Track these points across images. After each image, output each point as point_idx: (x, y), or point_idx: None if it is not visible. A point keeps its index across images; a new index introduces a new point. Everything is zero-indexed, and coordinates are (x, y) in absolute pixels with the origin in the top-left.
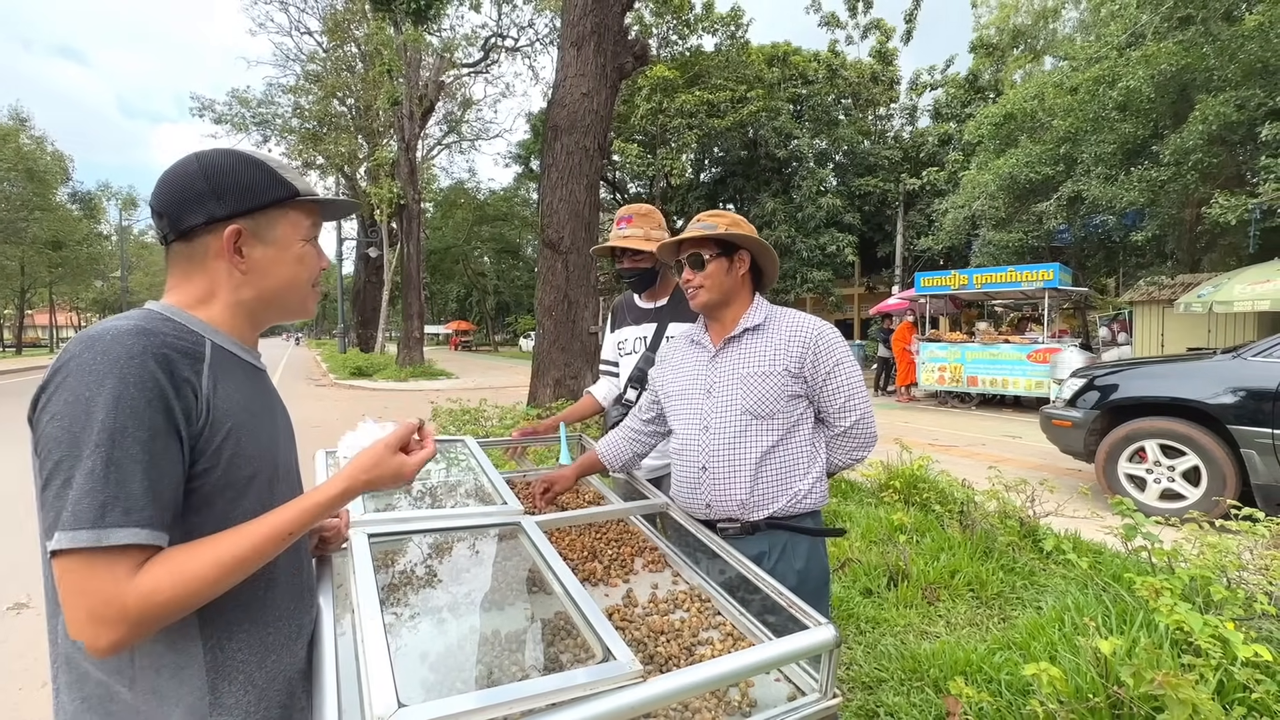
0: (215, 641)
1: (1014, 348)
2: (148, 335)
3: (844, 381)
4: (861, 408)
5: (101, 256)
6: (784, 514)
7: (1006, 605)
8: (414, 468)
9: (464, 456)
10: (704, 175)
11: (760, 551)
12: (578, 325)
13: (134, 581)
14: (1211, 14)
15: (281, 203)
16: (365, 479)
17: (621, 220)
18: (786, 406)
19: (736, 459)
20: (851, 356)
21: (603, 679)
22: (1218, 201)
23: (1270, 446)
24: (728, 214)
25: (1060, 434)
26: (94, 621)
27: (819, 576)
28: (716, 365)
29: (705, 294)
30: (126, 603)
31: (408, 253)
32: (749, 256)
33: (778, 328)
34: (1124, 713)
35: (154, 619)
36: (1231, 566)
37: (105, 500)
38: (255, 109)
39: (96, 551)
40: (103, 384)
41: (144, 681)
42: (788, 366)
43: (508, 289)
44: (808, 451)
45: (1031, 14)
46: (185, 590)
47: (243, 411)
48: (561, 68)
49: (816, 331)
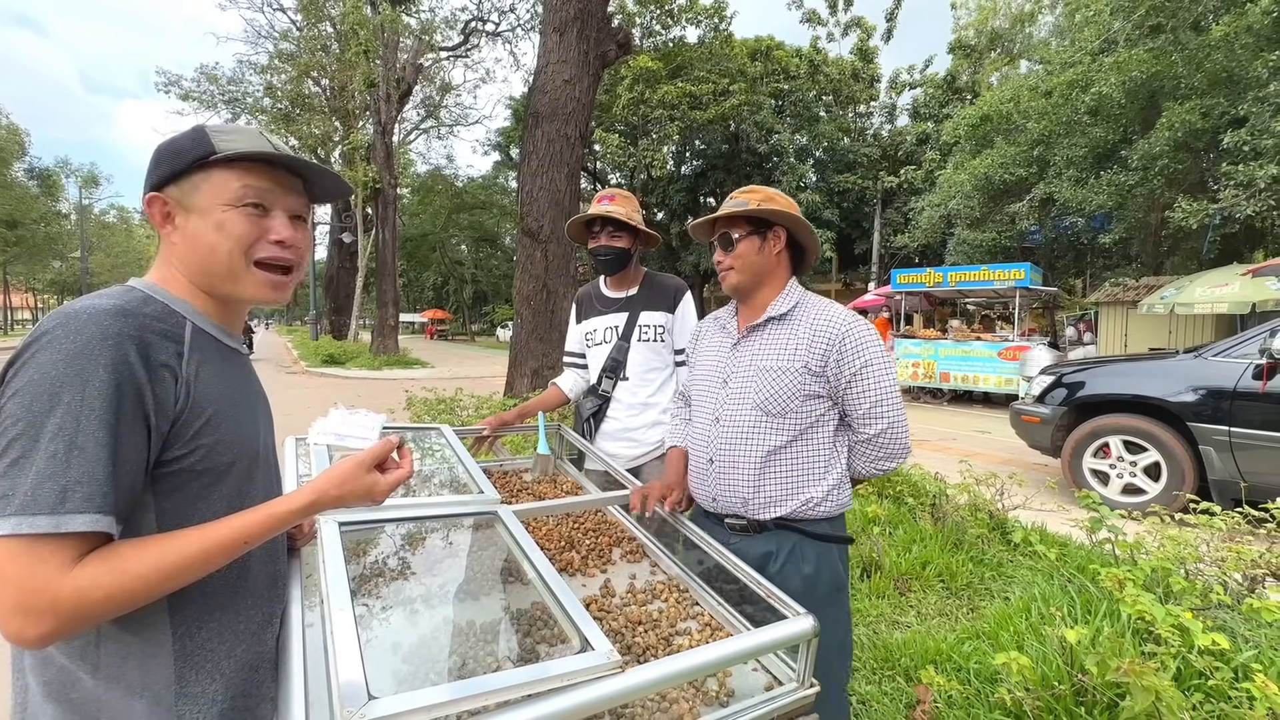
0: (186, 629)
1: (985, 345)
2: (127, 316)
3: (871, 385)
4: (890, 415)
5: (60, 236)
6: (795, 518)
7: (976, 596)
8: (386, 488)
9: (440, 446)
10: (685, 168)
11: (767, 552)
12: (556, 315)
13: (71, 574)
14: (1180, 23)
15: (203, 165)
16: (335, 494)
17: (603, 198)
18: (802, 406)
19: (742, 455)
20: (884, 358)
21: (580, 669)
22: (1180, 206)
23: (1227, 443)
24: (762, 189)
25: (1029, 429)
26: (20, 612)
27: (830, 583)
28: (737, 354)
29: (734, 275)
30: (59, 595)
31: (383, 239)
32: (784, 234)
33: (804, 319)
34: (1088, 700)
35: (85, 616)
36: (1190, 558)
37: (66, 485)
38: (225, 86)
39: (44, 538)
40: (73, 364)
41: (108, 669)
42: (808, 363)
43: (485, 278)
44: (825, 455)
45: (1009, 17)
46: (121, 590)
47: (224, 398)
48: (543, 53)
49: (845, 327)
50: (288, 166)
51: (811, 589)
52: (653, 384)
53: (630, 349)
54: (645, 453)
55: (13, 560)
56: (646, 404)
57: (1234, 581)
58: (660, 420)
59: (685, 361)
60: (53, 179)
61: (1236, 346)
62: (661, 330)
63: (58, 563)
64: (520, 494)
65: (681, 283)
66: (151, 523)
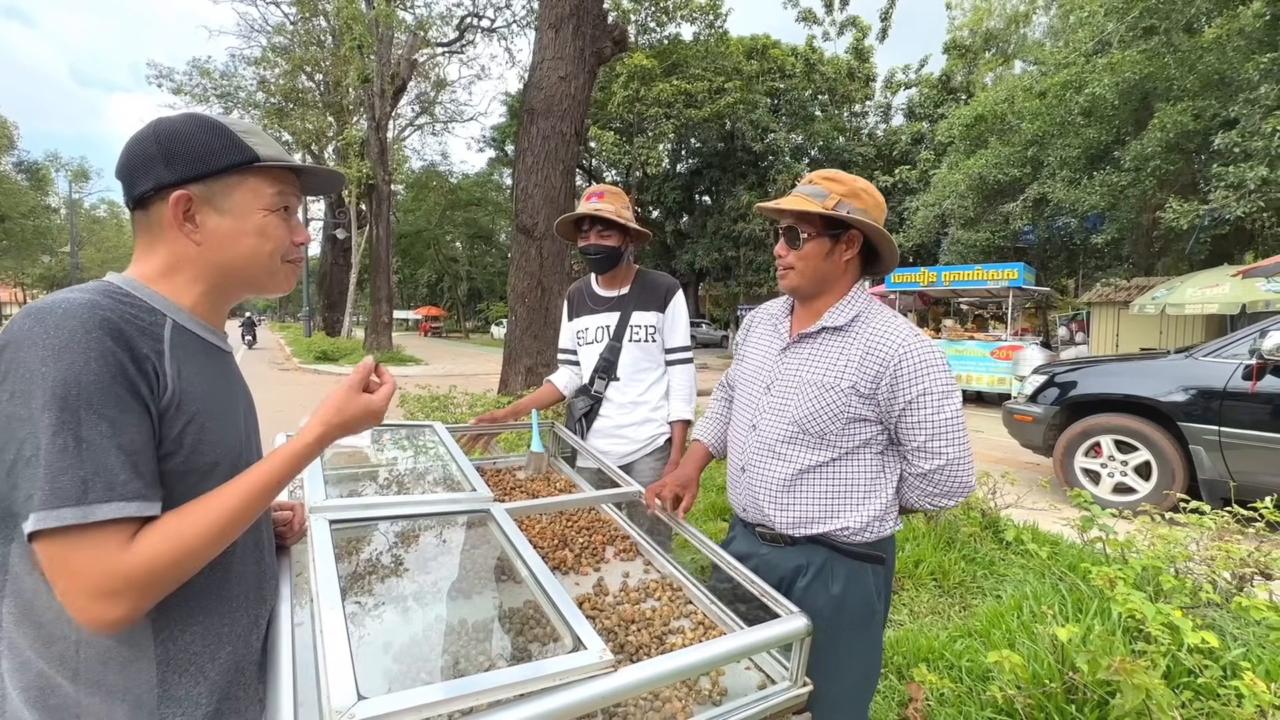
0: (168, 633)
1: (978, 344)
2: (104, 309)
3: (928, 416)
4: (949, 452)
5: (49, 230)
6: (831, 539)
7: (968, 594)
8: (381, 404)
9: (432, 444)
10: (680, 165)
11: (797, 566)
12: (551, 313)
13: (131, 550)
14: (1173, 25)
15: (239, 168)
16: (338, 422)
17: (592, 195)
18: (845, 429)
19: (772, 470)
20: (946, 385)
21: (573, 668)
22: (1171, 206)
23: (1216, 443)
24: (847, 179)
25: (1021, 429)
26: (98, 597)
27: (860, 608)
28: (784, 360)
29: (795, 277)
30: (130, 572)
31: (377, 235)
32: (860, 238)
33: (860, 334)
34: (1079, 697)
35: (158, 585)
36: (1180, 557)
37: (85, 476)
38: (217, 80)
39: (84, 528)
40: (59, 358)
41: (89, 674)
42: (856, 385)
43: (480, 275)
44: (867, 480)
45: (1004, 18)
46: (185, 550)
47: (206, 397)
48: (539, 50)
49: (902, 350)
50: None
51: (839, 611)
52: (643, 383)
53: (621, 349)
54: (636, 449)
55: (76, 551)
56: (637, 402)
57: (1223, 580)
58: (651, 417)
59: (677, 360)
60: (42, 173)
61: (1226, 347)
62: (653, 330)
63: (116, 544)
64: (513, 492)
65: (673, 281)
66: None
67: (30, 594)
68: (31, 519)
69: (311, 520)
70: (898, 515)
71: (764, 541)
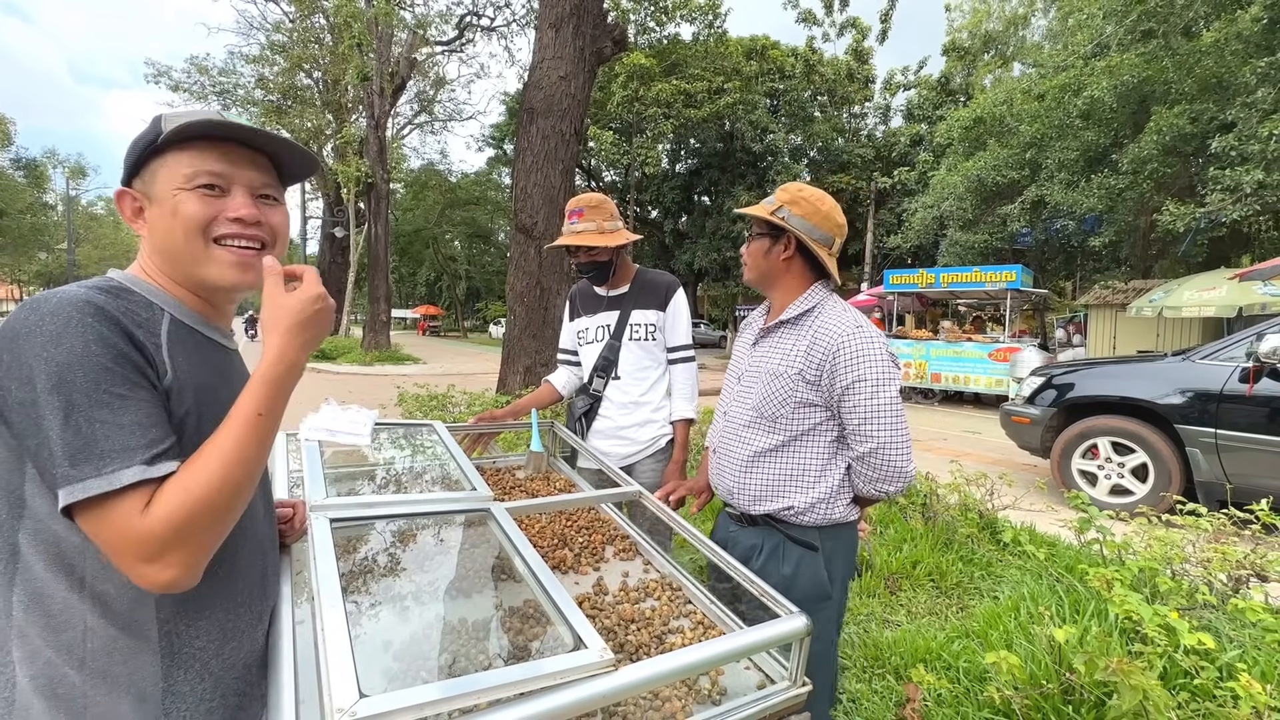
0: (172, 627)
1: (976, 346)
2: (95, 300)
3: (862, 401)
4: (880, 435)
5: (46, 227)
6: (780, 518)
7: (965, 595)
8: (315, 288)
9: (432, 443)
10: (680, 166)
11: (752, 545)
12: (549, 312)
13: (149, 512)
14: (1172, 29)
15: (156, 152)
16: (288, 326)
17: (572, 215)
18: (794, 413)
19: (735, 451)
20: (883, 373)
21: (572, 667)
22: (1168, 209)
23: (1213, 445)
24: (792, 190)
25: (1019, 430)
26: (140, 561)
27: (808, 589)
28: (753, 353)
29: (747, 271)
30: (153, 532)
31: (375, 234)
32: (795, 241)
33: (810, 326)
34: (1076, 698)
35: (191, 538)
36: (1176, 559)
37: (103, 450)
38: (215, 78)
39: (109, 497)
40: (58, 343)
41: (94, 664)
42: (803, 371)
43: (478, 274)
44: (817, 464)
45: (1003, 20)
46: (197, 499)
47: (205, 390)
48: (539, 49)
49: (840, 339)
50: (245, 142)
51: (788, 591)
52: (644, 383)
53: (621, 348)
54: (637, 451)
55: (108, 520)
56: (638, 403)
57: (1219, 582)
58: (652, 418)
59: (678, 359)
60: (39, 169)
61: (1223, 350)
62: (653, 329)
63: (138, 508)
64: (513, 491)
65: (673, 280)
66: None
67: (40, 582)
68: (60, 495)
69: (312, 519)
70: (850, 504)
71: (732, 521)
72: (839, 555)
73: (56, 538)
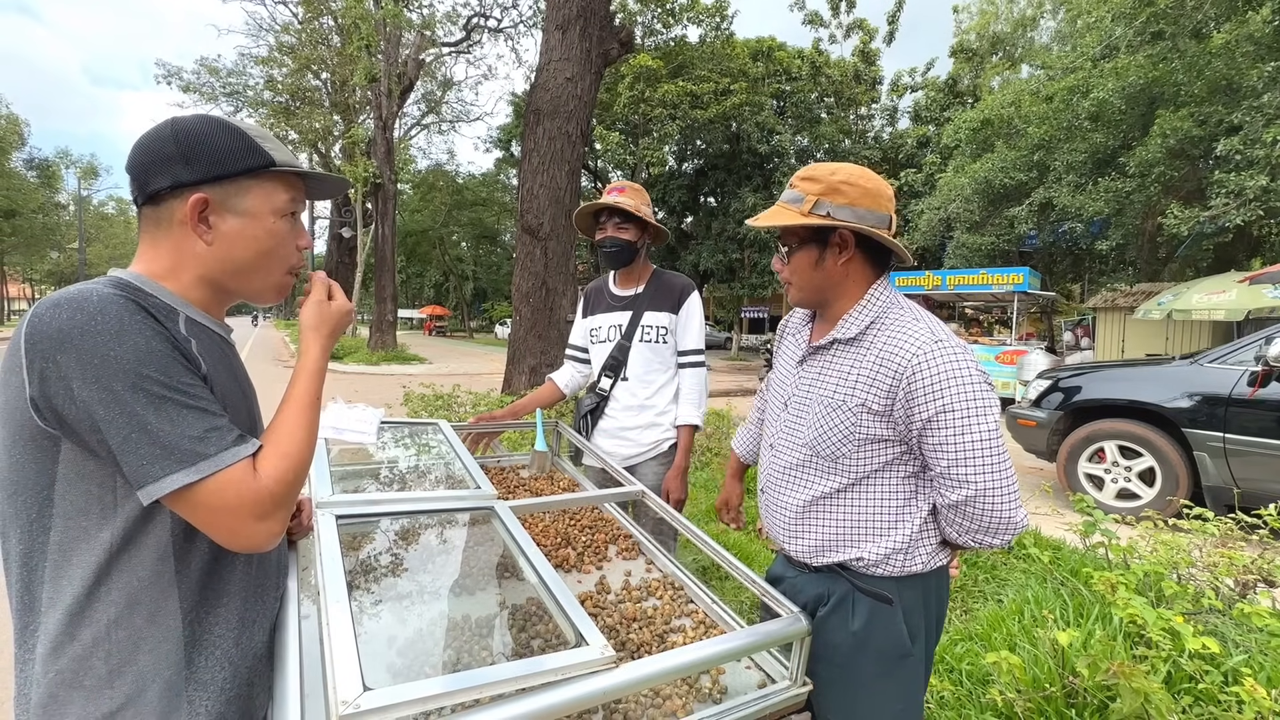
0: (195, 616)
1: (983, 349)
2: (137, 300)
3: (950, 437)
4: (978, 481)
5: (58, 227)
6: (850, 569)
7: (969, 598)
8: (347, 303)
9: (437, 441)
10: (686, 166)
11: (818, 594)
12: (555, 313)
13: (260, 477)
14: (1181, 30)
15: (255, 172)
16: (328, 330)
17: (614, 189)
18: (858, 451)
19: (786, 497)
20: (976, 399)
21: (574, 664)
22: (1173, 213)
23: (1221, 450)
24: (822, 175)
25: (1025, 433)
26: (256, 520)
27: (884, 648)
28: (800, 375)
29: (795, 292)
30: (270, 492)
31: (382, 234)
32: (852, 236)
33: (874, 344)
34: (1079, 701)
35: (292, 495)
36: (1182, 563)
37: (205, 430)
38: (225, 79)
39: (219, 474)
40: (121, 341)
41: (120, 655)
42: (867, 402)
43: (485, 275)
44: (892, 508)
45: (1010, 22)
46: (295, 461)
47: (224, 382)
48: (545, 50)
49: (916, 359)
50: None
51: (860, 649)
52: (652, 385)
53: (631, 349)
54: (639, 453)
55: (221, 494)
56: (644, 405)
57: (1225, 587)
58: (657, 421)
59: (688, 363)
60: (52, 169)
61: (1232, 353)
62: (664, 331)
63: (250, 475)
64: (517, 490)
65: (688, 282)
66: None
67: (66, 579)
68: (166, 482)
69: (318, 515)
70: (935, 549)
71: (789, 564)
72: (921, 606)
73: (85, 533)
